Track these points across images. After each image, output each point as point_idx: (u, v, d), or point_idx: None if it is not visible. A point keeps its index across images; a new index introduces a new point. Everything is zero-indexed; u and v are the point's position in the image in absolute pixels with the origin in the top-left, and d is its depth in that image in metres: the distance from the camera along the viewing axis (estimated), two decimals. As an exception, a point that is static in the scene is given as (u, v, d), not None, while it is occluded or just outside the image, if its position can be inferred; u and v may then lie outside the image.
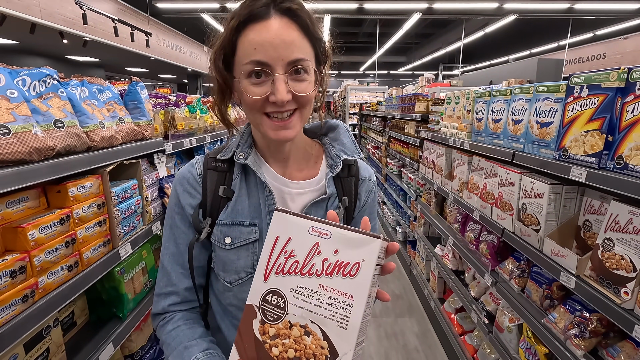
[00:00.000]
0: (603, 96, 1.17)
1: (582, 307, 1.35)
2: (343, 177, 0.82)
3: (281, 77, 0.63)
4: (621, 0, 8.36)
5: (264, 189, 0.76)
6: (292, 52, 0.63)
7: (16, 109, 0.89)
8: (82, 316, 1.32)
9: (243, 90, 0.66)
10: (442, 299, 2.86)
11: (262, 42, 0.62)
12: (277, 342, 0.49)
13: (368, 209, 0.88)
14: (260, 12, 0.63)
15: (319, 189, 0.79)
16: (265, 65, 0.63)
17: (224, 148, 0.79)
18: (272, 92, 0.64)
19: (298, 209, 0.78)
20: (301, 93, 0.66)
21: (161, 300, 0.79)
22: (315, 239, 0.50)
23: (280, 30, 0.63)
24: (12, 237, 0.91)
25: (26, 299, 0.89)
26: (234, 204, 0.76)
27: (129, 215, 1.36)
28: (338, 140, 0.83)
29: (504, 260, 1.88)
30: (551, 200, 1.43)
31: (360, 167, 0.86)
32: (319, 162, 0.83)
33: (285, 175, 0.79)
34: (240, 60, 0.65)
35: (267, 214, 0.76)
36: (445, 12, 9.46)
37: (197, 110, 2.06)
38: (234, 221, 0.76)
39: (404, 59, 19.83)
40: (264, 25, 0.63)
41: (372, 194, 0.88)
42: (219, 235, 0.76)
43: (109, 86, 1.40)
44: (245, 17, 0.63)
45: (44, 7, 5.49)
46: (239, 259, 0.75)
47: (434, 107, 2.95)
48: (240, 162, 0.75)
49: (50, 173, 0.95)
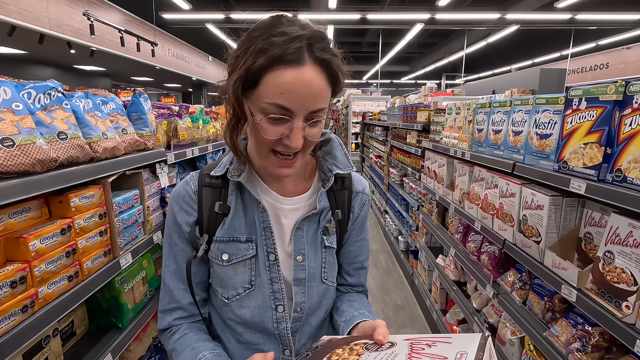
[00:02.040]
0: (601, 109, 1.18)
1: (584, 320, 1.33)
2: (336, 189, 0.83)
3: (300, 125, 0.63)
4: (623, 11, 8.40)
5: (258, 206, 0.77)
6: (316, 103, 0.62)
7: (21, 121, 0.91)
8: (81, 326, 1.32)
9: (259, 127, 0.64)
10: (444, 310, 2.83)
11: (289, 90, 0.59)
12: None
13: (360, 222, 0.88)
14: (294, 56, 0.59)
15: (311, 203, 0.80)
16: (288, 110, 0.61)
17: (217, 164, 0.80)
18: (287, 136, 0.63)
19: (291, 225, 0.78)
20: (312, 138, 0.66)
21: (166, 316, 0.81)
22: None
23: (311, 81, 0.60)
24: (14, 248, 0.92)
25: (26, 309, 0.90)
26: (231, 221, 0.77)
27: (130, 225, 1.37)
28: (331, 153, 0.83)
29: (506, 271, 1.87)
30: (551, 212, 1.43)
31: (354, 180, 0.87)
32: (313, 175, 0.84)
33: (279, 190, 0.79)
34: (262, 96, 0.62)
35: (262, 230, 0.77)
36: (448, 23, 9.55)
37: (199, 121, 2.09)
38: (231, 237, 0.76)
39: (407, 68, 19.97)
40: (295, 72, 0.59)
41: (365, 207, 0.89)
42: (216, 252, 0.77)
43: (112, 97, 1.43)
44: (278, 57, 0.59)
45: (53, 18, 5.62)
46: (237, 274, 0.76)
47: (436, 117, 2.97)
48: (234, 180, 0.76)
49: (52, 184, 0.97)
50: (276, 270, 0.77)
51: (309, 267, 0.79)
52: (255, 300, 0.76)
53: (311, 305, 0.80)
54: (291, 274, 0.78)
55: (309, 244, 0.79)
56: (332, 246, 0.82)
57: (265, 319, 0.77)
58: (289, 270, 0.78)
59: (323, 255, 0.81)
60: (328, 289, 0.83)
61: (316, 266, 0.80)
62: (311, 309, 0.81)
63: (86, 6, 6.23)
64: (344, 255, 0.89)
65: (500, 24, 9.37)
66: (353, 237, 0.88)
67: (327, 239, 0.81)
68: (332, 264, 0.83)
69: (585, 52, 11.06)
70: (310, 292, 0.79)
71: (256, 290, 0.76)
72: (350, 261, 0.90)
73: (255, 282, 0.76)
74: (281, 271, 0.77)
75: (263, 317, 0.77)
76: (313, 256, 0.80)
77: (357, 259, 0.91)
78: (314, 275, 0.79)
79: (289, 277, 0.78)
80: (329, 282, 0.83)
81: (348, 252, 0.89)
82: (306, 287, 0.79)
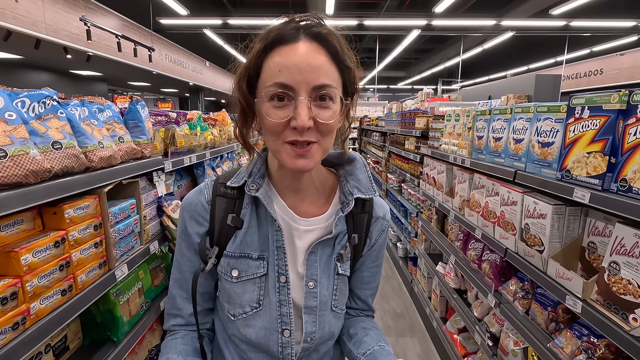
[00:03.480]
0: (605, 118, 1.17)
1: (589, 331, 1.31)
2: (356, 213, 0.79)
3: (304, 101, 0.60)
4: (616, 19, 8.51)
5: (273, 223, 0.73)
6: (317, 77, 0.60)
7: (14, 131, 0.88)
8: (75, 340, 1.28)
9: (264, 113, 0.62)
10: (444, 318, 2.80)
11: (287, 65, 0.60)
12: None
13: (377, 249, 0.85)
14: (289, 35, 0.61)
15: (327, 226, 0.76)
16: (289, 88, 0.60)
17: (234, 173, 0.77)
18: (294, 117, 0.60)
19: (305, 247, 0.75)
20: (324, 121, 0.62)
21: (169, 320, 0.83)
22: None
23: (308, 53, 0.60)
24: (5, 262, 0.88)
25: (17, 327, 0.86)
26: (244, 235, 0.74)
27: (126, 235, 1.34)
28: (353, 175, 0.79)
29: (508, 280, 1.85)
30: (554, 221, 1.41)
31: (375, 204, 0.82)
32: (332, 195, 0.80)
33: (296, 208, 0.76)
34: (263, 82, 0.63)
35: (275, 249, 0.73)
36: (444, 29, 9.62)
37: (197, 128, 2.06)
38: (243, 253, 0.73)
39: (404, 74, 20.08)
40: (291, 47, 0.61)
41: (384, 234, 0.85)
42: (225, 267, 0.74)
43: (109, 105, 1.40)
44: (273, 39, 0.61)
45: (50, 24, 5.59)
46: (245, 292, 0.73)
47: (434, 123, 2.96)
48: (251, 194, 0.73)
49: (46, 195, 0.94)
50: (286, 293, 0.74)
51: (321, 295, 0.75)
52: (261, 321, 0.73)
53: (322, 335, 0.77)
54: (301, 299, 0.75)
55: (321, 270, 0.76)
56: (345, 274, 0.79)
57: (270, 342, 0.74)
58: (299, 294, 0.75)
59: (335, 282, 0.78)
60: (338, 316, 0.80)
61: (328, 294, 0.77)
62: (322, 339, 0.78)
63: (83, 11, 6.21)
64: (356, 280, 0.86)
65: (496, 30, 9.46)
66: (368, 263, 0.85)
67: (341, 267, 0.78)
68: (343, 291, 0.80)
69: (580, 58, 11.18)
70: (321, 321, 0.76)
71: (264, 310, 0.73)
72: (363, 287, 0.87)
73: (263, 302, 0.73)
74: (291, 294, 0.74)
75: (268, 339, 0.74)
76: (326, 283, 0.76)
77: (370, 285, 0.88)
78: (325, 303, 0.76)
79: (299, 302, 0.75)
80: (338, 310, 0.79)
81: (361, 278, 0.86)
82: (317, 315, 0.75)
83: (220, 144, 2.48)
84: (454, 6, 7.80)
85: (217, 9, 10.52)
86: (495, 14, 9.55)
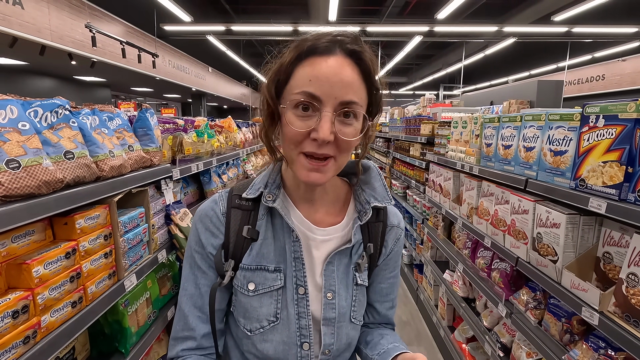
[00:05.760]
0: (621, 127, 1.15)
1: (606, 344, 1.28)
2: (371, 222, 0.78)
3: (328, 114, 0.60)
4: (618, 25, 8.53)
5: (290, 234, 0.72)
6: (346, 93, 0.60)
7: (27, 141, 0.87)
8: (82, 352, 1.26)
9: (287, 121, 0.62)
10: (451, 326, 2.77)
11: (318, 75, 0.60)
12: None
13: (394, 257, 0.84)
14: (324, 47, 0.62)
15: (344, 235, 0.76)
16: (316, 99, 0.60)
17: (248, 185, 0.76)
18: (316, 129, 0.60)
19: (322, 257, 0.74)
20: (344, 137, 0.62)
21: (177, 345, 0.76)
22: None
23: (341, 68, 0.61)
24: (16, 274, 0.87)
25: (27, 341, 0.85)
26: (260, 247, 0.73)
27: (136, 244, 1.33)
28: (369, 184, 0.79)
29: (518, 289, 1.82)
30: (568, 231, 1.39)
31: (389, 213, 0.82)
32: (347, 205, 0.79)
33: (311, 218, 0.75)
34: (291, 88, 0.63)
35: (293, 260, 0.72)
36: (446, 35, 9.66)
37: (204, 135, 2.06)
38: (259, 266, 0.72)
39: (405, 79, 20.15)
40: (325, 59, 0.61)
41: (399, 242, 0.84)
42: (242, 280, 0.72)
43: (119, 113, 1.40)
44: (308, 49, 0.62)
45: (55, 30, 5.63)
46: (262, 306, 0.71)
47: (440, 130, 2.95)
48: (268, 205, 0.72)
49: (57, 206, 0.93)
50: (305, 304, 0.72)
51: (339, 306, 0.74)
52: (280, 335, 0.71)
53: (340, 347, 0.75)
54: (320, 311, 0.73)
55: (339, 281, 0.75)
56: (363, 284, 0.78)
57: (289, 357, 0.72)
58: (318, 305, 0.74)
59: (354, 293, 0.77)
60: (356, 328, 0.79)
61: (347, 305, 0.75)
62: (339, 351, 0.76)
63: (88, 18, 6.25)
64: (374, 293, 0.84)
65: (497, 36, 9.49)
66: (385, 274, 0.84)
67: (360, 277, 0.77)
68: (362, 302, 0.79)
69: (582, 64, 11.20)
70: (339, 333, 0.75)
71: (281, 324, 0.72)
72: (382, 300, 0.85)
73: (281, 315, 0.72)
74: (309, 306, 0.73)
75: (287, 354, 0.72)
76: (344, 294, 0.75)
77: (389, 297, 0.86)
78: (344, 315, 0.75)
79: (317, 313, 0.74)
80: (356, 322, 0.78)
81: (380, 290, 0.84)
82: (335, 327, 0.74)
83: (226, 151, 2.48)
84: (456, 12, 7.84)
85: (220, 16, 10.60)
86: (497, 20, 9.60)
